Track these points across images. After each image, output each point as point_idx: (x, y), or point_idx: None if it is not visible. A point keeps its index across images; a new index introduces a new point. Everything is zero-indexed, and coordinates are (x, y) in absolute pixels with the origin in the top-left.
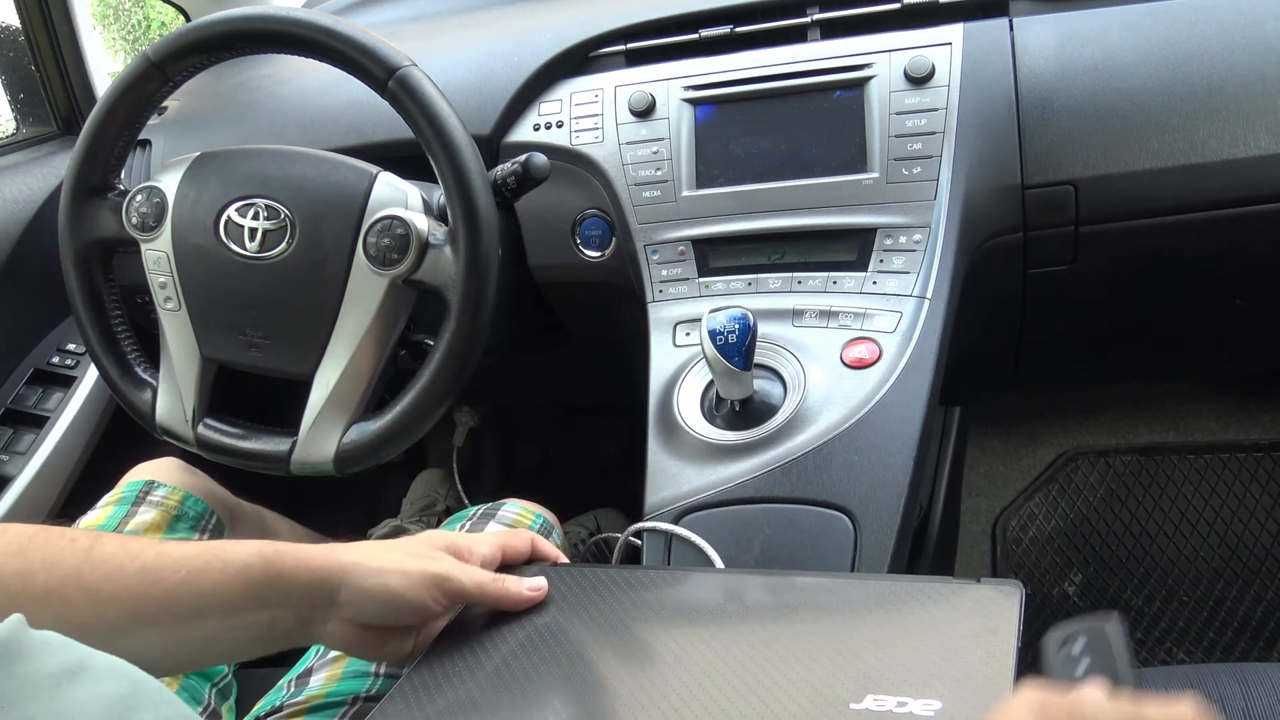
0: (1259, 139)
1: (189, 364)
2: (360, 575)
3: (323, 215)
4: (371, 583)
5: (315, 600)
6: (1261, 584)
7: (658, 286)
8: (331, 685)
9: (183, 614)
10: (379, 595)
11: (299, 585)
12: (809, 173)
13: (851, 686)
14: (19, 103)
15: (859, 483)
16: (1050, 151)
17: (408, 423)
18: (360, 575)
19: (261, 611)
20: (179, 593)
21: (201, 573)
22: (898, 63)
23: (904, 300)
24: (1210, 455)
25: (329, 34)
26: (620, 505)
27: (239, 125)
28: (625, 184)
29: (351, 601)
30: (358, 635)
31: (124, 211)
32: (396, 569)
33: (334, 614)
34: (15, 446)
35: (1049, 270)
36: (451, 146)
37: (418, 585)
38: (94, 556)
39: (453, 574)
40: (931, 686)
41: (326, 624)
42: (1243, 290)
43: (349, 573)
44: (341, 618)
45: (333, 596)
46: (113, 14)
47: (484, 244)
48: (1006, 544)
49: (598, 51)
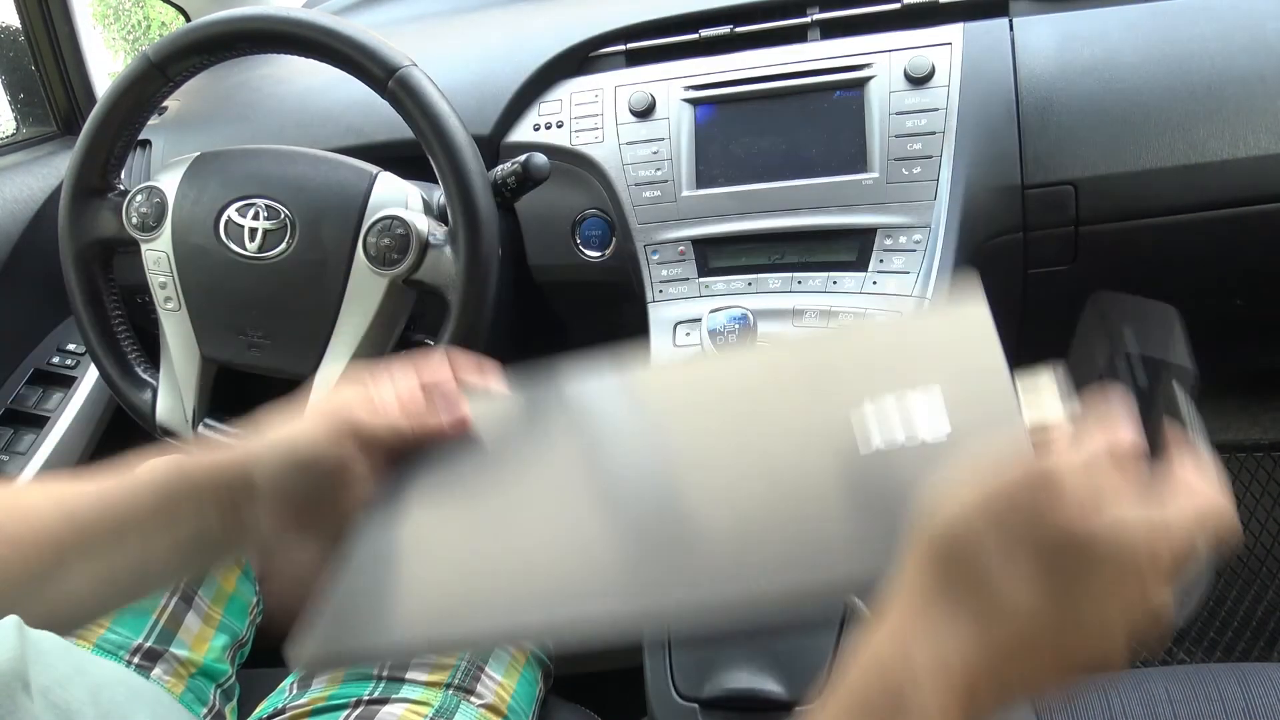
0: (1259, 139)
1: (189, 364)
2: (268, 445)
3: (323, 215)
4: (281, 446)
5: (232, 494)
6: (1261, 584)
7: (658, 286)
8: (334, 688)
9: (101, 542)
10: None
11: (210, 481)
12: (809, 173)
13: (847, 399)
14: (19, 103)
15: None
16: (1050, 151)
17: None
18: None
19: (182, 522)
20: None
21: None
22: (898, 63)
23: (904, 300)
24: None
25: (329, 34)
26: None
27: (239, 125)
28: (625, 184)
29: (267, 475)
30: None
31: (124, 211)
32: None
33: (257, 504)
34: (15, 446)
35: (1049, 270)
36: (451, 146)
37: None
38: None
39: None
40: (926, 374)
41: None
42: (1243, 290)
43: (255, 453)
44: (267, 502)
45: (246, 479)
46: (113, 14)
47: (484, 244)
48: None
49: (598, 51)
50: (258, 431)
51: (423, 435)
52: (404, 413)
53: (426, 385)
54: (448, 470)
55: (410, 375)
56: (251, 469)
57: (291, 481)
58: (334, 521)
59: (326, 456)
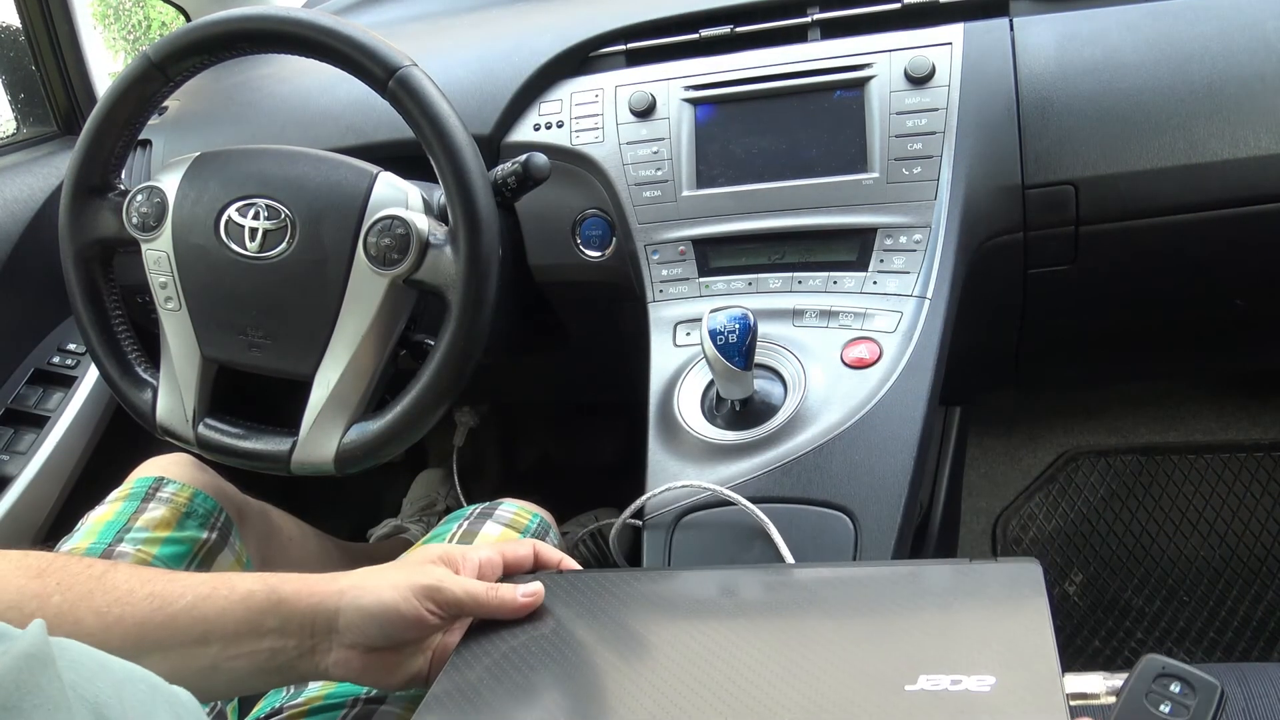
0: (1259, 139)
1: (189, 364)
2: (355, 596)
3: (323, 215)
4: (366, 601)
5: (315, 627)
6: (1261, 584)
7: (658, 286)
8: (331, 687)
9: (186, 640)
10: (374, 613)
11: (299, 611)
12: (809, 173)
13: (901, 669)
14: (19, 103)
15: (859, 483)
16: (1050, 151)
17: (408, 423)
18: (355, 596)
19: (263, 640)
20: (184, 618)
21: (206, 599)
22: (898, 63)
23: (904, 300)
24: (1210, 455)
25: (329, 34)
26: (620, 505)
27: (239, 125)
28: (625, 184)
29: (350, 624)
30: (363, 661)
31: (124, 211)
32: (388, 584)
33: (335, 640)
34: (15, 446)
35: (1049, 270)
36: (451, 146)
37: (409, 597)
38: (107, 581)
39: (443, 583)
40: (980, 663)
41: (330, 652)
42: (1243, 290)
43: (345, 595)
44: (344, 644)
45: (331, 622)
46: (113, 14)
47: (484, 244)
48: (1007, 544)
49: (598, 51)
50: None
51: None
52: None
53: (509, 560)
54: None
55: (495, 549)
56: (338, 610)
57: (372, 629)
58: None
59: (407, 614)
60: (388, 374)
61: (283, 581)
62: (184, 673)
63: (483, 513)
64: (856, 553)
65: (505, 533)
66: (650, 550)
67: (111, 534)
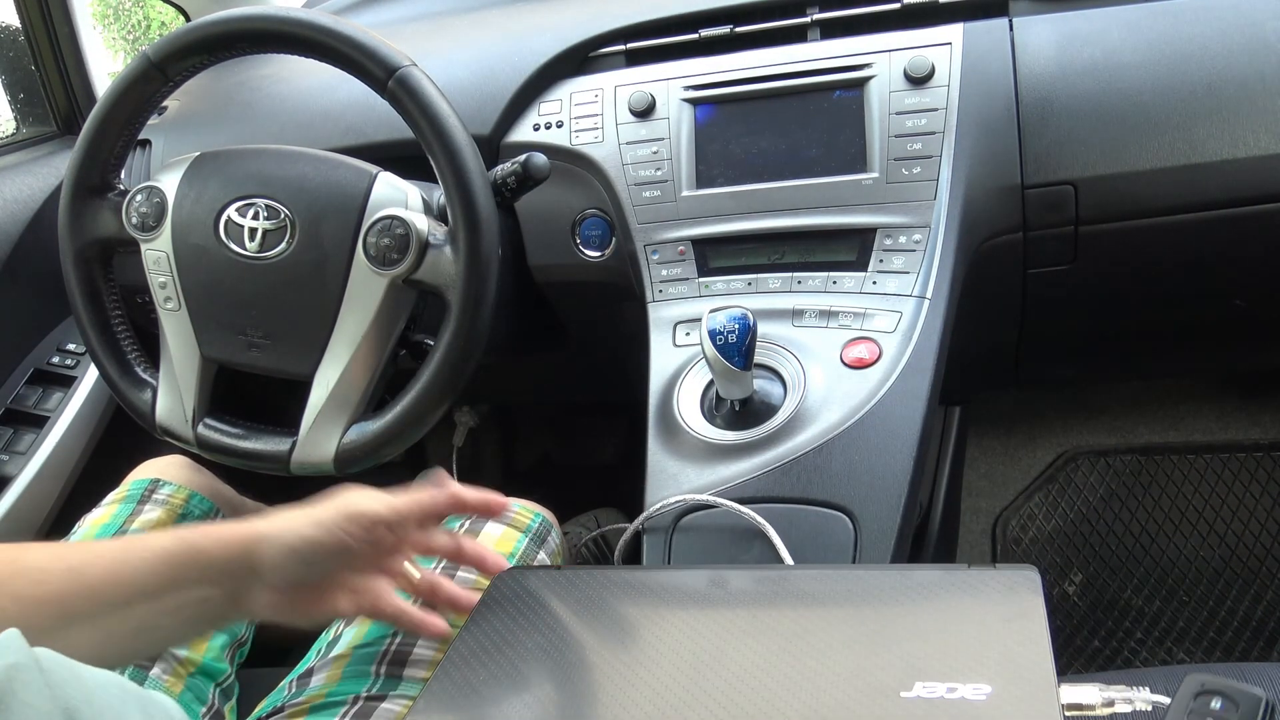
0: (1258, 139)
1: (189, 364)
2: (275, 535)
3: (323, 215)
4: (287, 537)
5: (237, 571)
6: (1261, 584)
7: (658, 286)
8: (332, 685)
9: (109, 605)
10: (296, 547)
11: (219, 559)
12: (809, 173)
13: (898, 675)
14: (19, 103)
15: (859, 482)
16: (1050, 151)
17: (408, 423)
18: (275, 535)
19: (187, 592)
20: (102, 585)
21: (122, 562)
22: (898, 63)
23: (904, 300)
24: (1210, 455)
25: (329, 34)
26: (620, 505)
27: (239, 125)
28: (625, 184)
29: (272, 563)
30: (288, 599)
31: (124, 211)
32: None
33: (259, 582)
34: (15, 446)
35: (1049, 270)
36: (451, 146)
37: (329, 527)
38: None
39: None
40: (977, 671)
41: (255, 594)
42: (1242, 290)
43: (264, 536)
44: (268, 584)
45: (253, 564)
46: (113, 14)
47: (484, 244)
48: (1006, 544)
49: (598, 51)
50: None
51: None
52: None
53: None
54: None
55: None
56: (259, 552)
57: (295, 565)
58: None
59: (328, 542)
60: (387, 374)
61: (197, 534)
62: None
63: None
64: (856, 553)
65: (506, 532)
66: (650, 551)
67: (108, 536)
